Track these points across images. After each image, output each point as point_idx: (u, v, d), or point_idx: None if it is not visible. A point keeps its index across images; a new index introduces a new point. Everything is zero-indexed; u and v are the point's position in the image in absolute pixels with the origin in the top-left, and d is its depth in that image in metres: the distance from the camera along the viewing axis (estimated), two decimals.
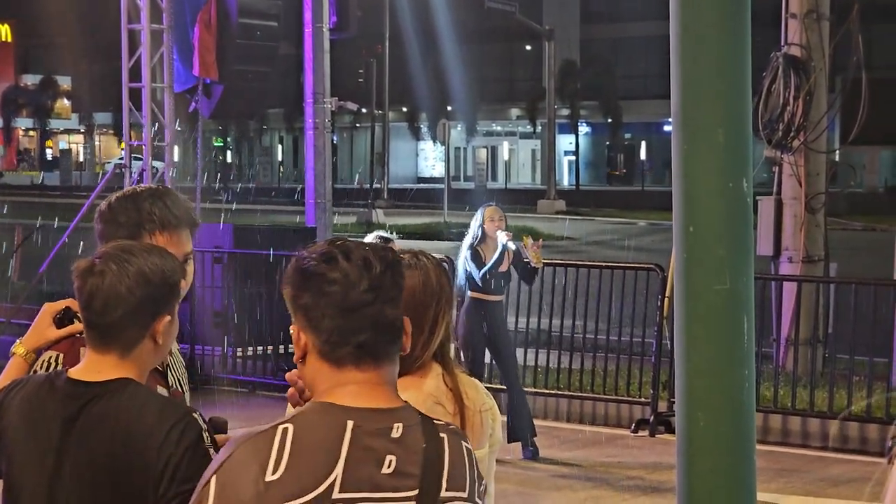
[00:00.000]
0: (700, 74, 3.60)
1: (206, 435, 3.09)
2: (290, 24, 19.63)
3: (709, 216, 3.58)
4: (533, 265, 11.14)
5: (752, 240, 3.66)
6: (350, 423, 2.54)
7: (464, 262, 11.06)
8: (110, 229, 3.68)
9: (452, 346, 3.78)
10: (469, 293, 10.94)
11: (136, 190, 3.80)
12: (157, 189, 3.83)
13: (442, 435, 2.63)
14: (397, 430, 2.57)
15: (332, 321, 2.58)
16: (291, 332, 2.64)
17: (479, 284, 10.93)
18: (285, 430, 2.53)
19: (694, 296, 3.59)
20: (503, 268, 11.13)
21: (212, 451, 3.06)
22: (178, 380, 3.73)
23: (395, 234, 9.63)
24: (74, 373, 3.20)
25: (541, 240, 11.74)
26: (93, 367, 3.17)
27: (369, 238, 10.79)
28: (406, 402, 2.65)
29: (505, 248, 11.01)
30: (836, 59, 13.78)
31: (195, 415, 3.12)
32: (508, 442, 10.73)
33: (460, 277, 10.99)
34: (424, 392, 3.62)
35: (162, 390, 3.57)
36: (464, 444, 2.67)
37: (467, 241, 11.15)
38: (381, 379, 2.62)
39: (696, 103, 3.60)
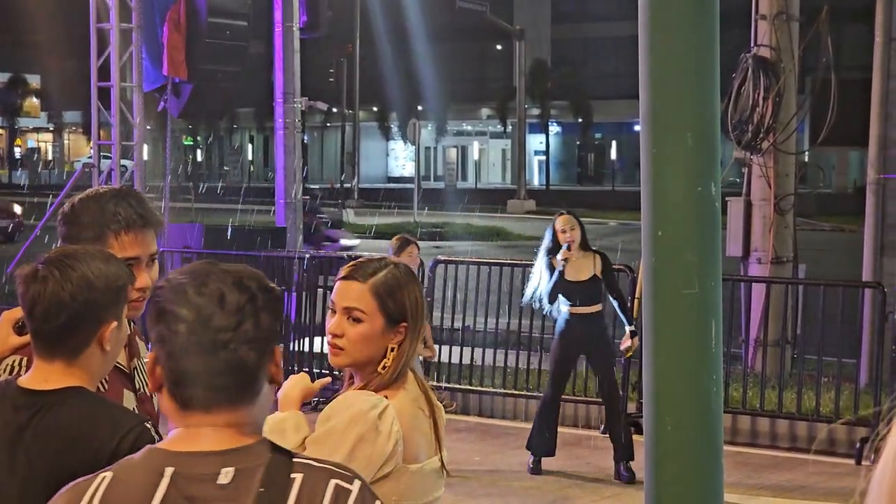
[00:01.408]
0: (668, 79, 3.60)
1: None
2: (260, 24, 19.58)
3: (677, 220, 3.58)
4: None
5: (720, 244, 3.66)
6: (169, 470, 2.27)
7: (538, 275, 10.54)
8: (74, 230, 3.64)
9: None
10: (561, 307, 10.40)
11: (98, 191, 3.77)
12: (121, 189, 3.80)
13: (295, 476, 2.29)
14: (226, 476, 2.26)
15: (178, 362, 2.31)
16: (146, 360, 2.45)
17: (566, 299, 10.32)
18: (104, 478, 2.32)
19: (662, 300, 3.59)
20: (581, 276, 10.46)
21: None
22: (146, 383, 3.69)
23: (366, 233, 9.53)
24: (24, 381, 3.13)
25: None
26: (41, 375, 3.10)
27: (393, 242, 10.66)
28: (258, 441, 2.33)
29: (560, 272, 10.36)
30: (805, 61, 13.83)
31: (147, 424, 3.07)
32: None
33: (539, 289, 10.50)
34: (410, 399, 3.60)
35: (129, 394, 3.54)
36: (335, 483, 2.31)
37: (542, 250, 10.58)
38: (233, 420, 2.32)
39: (664, 108, 3.60)
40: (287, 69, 16.92)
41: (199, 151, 79.42)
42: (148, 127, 18.10)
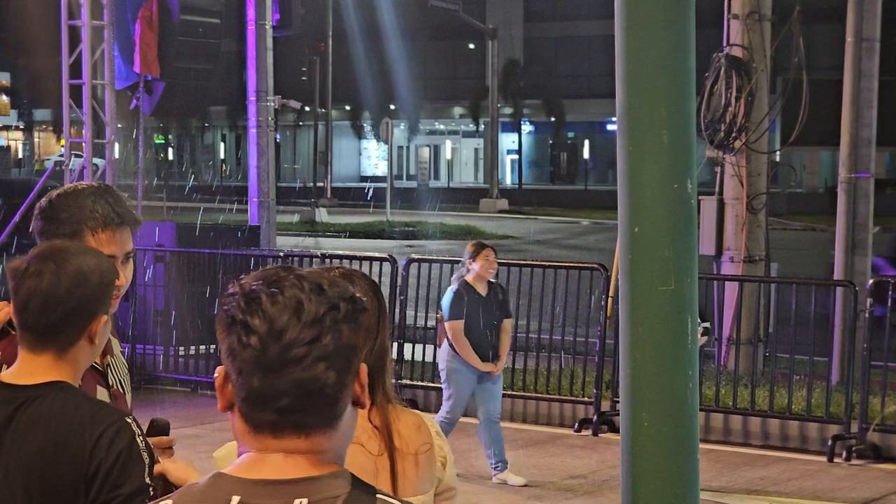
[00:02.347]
0: (644, 75, 3.60)
1: (139, 440, 3.04)
2: (232, 22, 19.54)
3: (653, 217, 3.58)
4: None
5: (696, 241, 3.67)
6: (236, 499, 2.08)
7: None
8: (51, 226, 3.63)
9: (389, 378, 3.35)
10: None
11: (77, 187, 3.75)
12: (99, 186, 3.78)
13: None
14: None
15: (249, 379, 2.08)
16: (216, 375, 2.16)
17: None
18: None
19: (638, 296, 3.59)
20: None
21: (145, 455, 3.02)
22: (120, 380, 3.68)
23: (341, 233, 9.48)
24: (7, 376, 3.13)
25: None
26: (26, 368, 3.11)
27: (468, 248, 10.43)
28: (337, 471, 2.12)
29: None
30: (776, 61, 13.88)
31: (128, 419, 3.06)
32: None
33: None
34: None
35: (102, 390, 3.53)
36: None
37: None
38: (304, 447, 2.11)
39: (640, 105, 3.60)
40: (260, 67, 16.88)
41: (170, 150, 79.19)
42: (119, 125, 18.02)
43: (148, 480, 2.99)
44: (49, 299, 3.08)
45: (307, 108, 50.33)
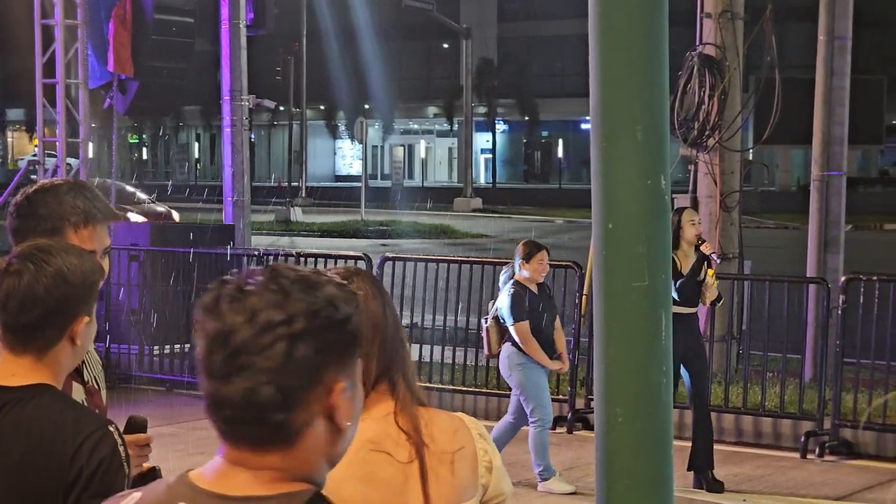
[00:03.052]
0: (618, 72, 3.62)
1: (121, 449, 3.03)
2: (206, 21, 19.49)
3: (627, 213, 3.60)
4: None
5: (670, 237, 3.69)
6: None
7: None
8: (30, 223, 3.60)
9: (411, 376, 3.09)
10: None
11: (53, 183, 3.73)
12: (76, 182, 3.77)
13: None
14: None
15: (202, 382, 2.01)
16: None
17: (677, 297, 9.77)
18: (133, 497, 2.13)
19: (612, 292, 3.61)
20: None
21: (126, 467, 3.01)
22: (94, 377, 3.67)
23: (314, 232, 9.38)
24: None
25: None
26: (7, 369, 3.10)
27: (519, 248, 10.03)
28: (293, 492, 2.01)
29: (707, 259, 9.96)
30: (749, 59, 13.93)
31: (111, 427, 3.05)
32: (688, 470, 10.01)
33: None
34: (358, 440, 2.79)
35: (77, 387, 3.52)
36: None
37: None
38: (256, 463, 2.01)
39: (614, 101, 3.62)
40: (234, 66, 16.85)
41: (144, 149, 78.96)
42: (93, 125, 17.97)
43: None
44: (27, 299, 3.06)
45: (281, 108, 50.21)
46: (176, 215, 33.08)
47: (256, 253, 14.56)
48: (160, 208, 32.98)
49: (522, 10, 67.98)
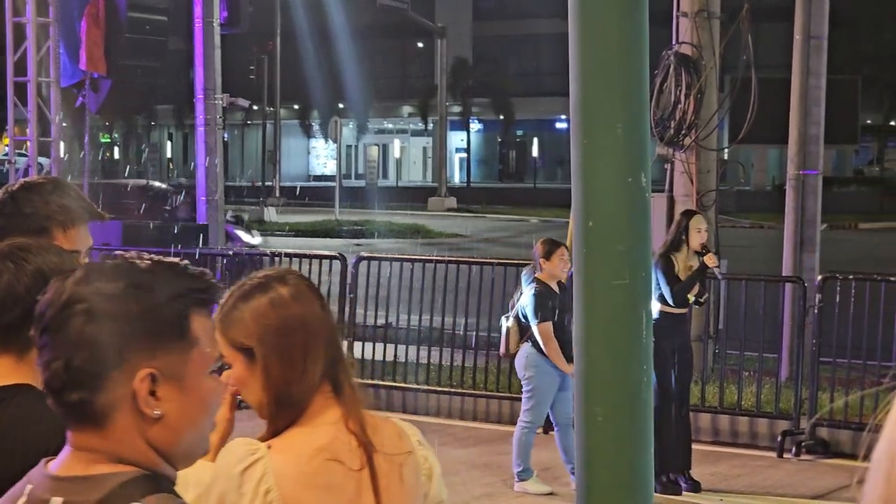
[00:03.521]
0: (599, 71, 3.59)
1: None
2: (179, 19, 19.42)
3: (608, 211, 3.57)
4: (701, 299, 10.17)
5: (650, 235, 3.66)
6: (28, 488, 2.13)
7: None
8: (13, 222, 3.55)
9: (352, 379, 3.01)
10: (656, 305, 9.63)
11: (36, 181, 3.69)
12: (57, 180, 3.73)
13: None
14: None
15: None
16: None
17: (670, 301, 9.82)
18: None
19: (593, 291, 3.58)
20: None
21: None
22: None
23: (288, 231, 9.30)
24: None
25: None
26: None
27: (538, 247, 9.78)
28: (110, 473, 2.03)
29: (704, 270, 9.92)
30: (724, 59, 13.92)
31: None
32: (660, 472, 9.68)
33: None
34: (313, 448, 2.88)
35: None
36: None
37: (661, 246, 10.07)
38: (77, 443, 2.08)
39: (594, 98, 3.59)
40: (207, 65, 16.79)
41: (116, 149, 78.70)
42: (64, 124, 17.88)
43: None
44: (7, 298, 3.03)
45: (255, 107, 50.12)
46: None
47: (230, 252, 14.49)
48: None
49: (497, 10, 68.01)
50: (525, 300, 9.77)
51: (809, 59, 13.58)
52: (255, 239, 24.58)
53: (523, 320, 9.84)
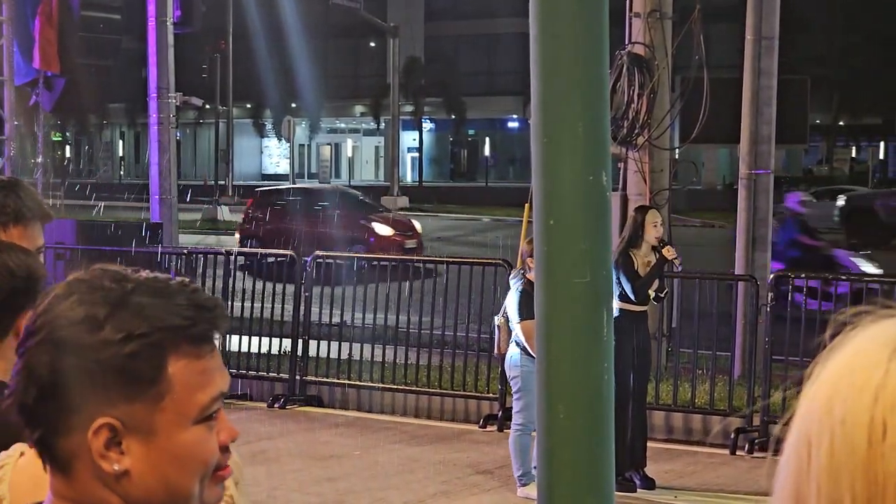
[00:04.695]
0: (560, 69, 3.61)
1: None
2: (133, 18, 19.33)
3: (569, 209, 3.59)
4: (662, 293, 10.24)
5: (611, 233, 3.69)
6: None
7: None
8: None
9: None
10: (617, 303, 9.56)
11: None
12: (9, 180, 3.71)
13: None
14: None
15: None
16: None
17: (632, 296, 9.85)
18: None
19: (554, 288, 3.61)
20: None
21: None
22: None
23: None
24: None
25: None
26: None
27: (525, 245, 9.81)
28: None
29: (664, 263, 9.96)
30: (675, 59, 14.01)
31: None
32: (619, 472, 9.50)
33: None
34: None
35: None
36: None
37: (619, 244, 10.03)
38: (50, 484, 1.85)
39: (556, 98, 3.62)
40: (161, 64, 16.73)
41: (67, 147, 78.19)
42: (16, 122, 17.77)
43: None
44: None
45: (208, 106, 49.91)
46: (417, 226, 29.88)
47: (185, 251, 14.44)
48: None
49: (450, 9, 68.02)
50: (510, 299, 9.75)
51: (761, 59, 13.68)
52: (873, 267, 18.77)
53: (507, 319, 9.84)
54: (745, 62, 13.80)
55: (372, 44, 69.20)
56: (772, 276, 12.24)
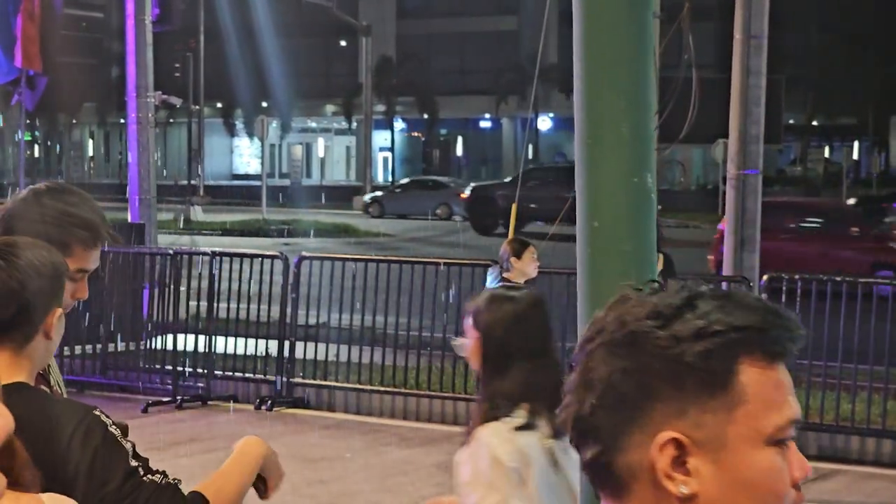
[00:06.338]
0: (604, 69, 3.56)
1: (112, 429, 2.94)
2: (108, 17, 19.24)
3: (613, 211, 3.54)
4: None
5: (655, 235, 3.63)
6: None
7: None
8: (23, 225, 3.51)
9: None
10: None
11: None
12: (81, 194, 3.73)
13: None
14: None
15: None
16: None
17: None
18: None
19: (599, 291, 3.55)
20: None
21: (124, 442, 2.92)
22: (58, 381, 3.59)
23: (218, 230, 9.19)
24: None
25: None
26: None
27: (505, 246, 9.76)
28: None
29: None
30: (663, 58, 13.97)
31: (96, 412, 2.96)
32: None
33: None
34: None
35: (45, 390, 3.42)
36: None
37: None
38: None
39: (600, 97, 3.56)
40: (140, 63, 16.63)
41: (36, 147, 77.84)
42: None
43: (134, 463, 2.90)
44: (3, 294, 2.97)
45: (178, 106, 49.79)
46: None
47: (170, 252, 14.32)
48: None
49: (421, 8, 68.00)
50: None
51: (750, 58, 13.65)
52: None
53: None
54: (733, 61, 13.77)
55: (344, 43, 69.07)
56: (765, 277, 12.20)
